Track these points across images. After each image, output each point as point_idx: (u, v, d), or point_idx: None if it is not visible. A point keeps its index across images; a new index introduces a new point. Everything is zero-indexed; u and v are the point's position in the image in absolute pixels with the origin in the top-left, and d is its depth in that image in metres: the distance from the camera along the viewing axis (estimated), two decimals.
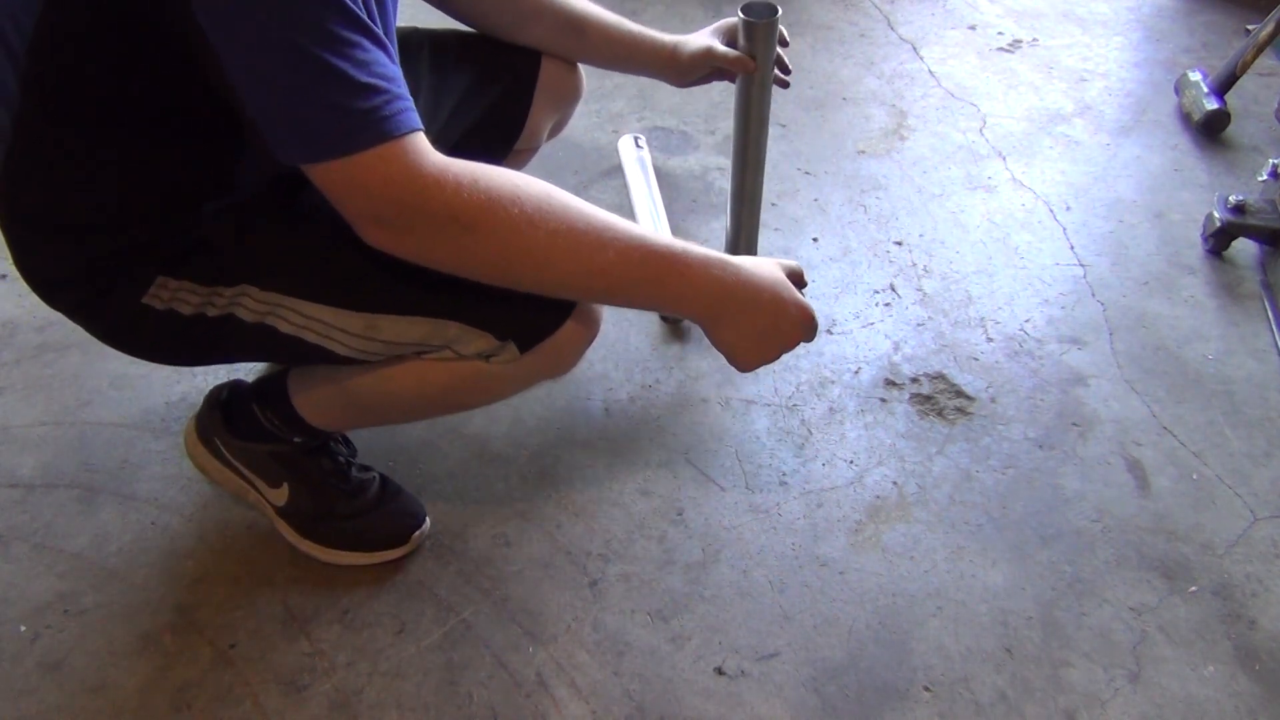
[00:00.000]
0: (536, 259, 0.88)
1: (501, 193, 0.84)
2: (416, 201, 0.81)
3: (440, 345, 1.02)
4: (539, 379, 1.12)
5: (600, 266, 0.90)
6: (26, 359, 1.50)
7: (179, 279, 0.99)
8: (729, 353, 1.01)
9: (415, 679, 1.12)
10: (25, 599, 1.19)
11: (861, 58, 2.31)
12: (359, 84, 0.77)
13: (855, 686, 1.12)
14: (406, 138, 0.80)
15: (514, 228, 0.85)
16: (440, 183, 0.82)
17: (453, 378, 1.06)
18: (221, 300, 1.00)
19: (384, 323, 1.00)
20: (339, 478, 1.23)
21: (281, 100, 0.77)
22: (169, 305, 0.99)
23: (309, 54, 0.75)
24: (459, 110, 1.30)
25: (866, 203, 1.86)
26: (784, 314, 0.99)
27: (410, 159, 0.80)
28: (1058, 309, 1.63)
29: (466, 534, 1.27)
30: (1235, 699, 1.12)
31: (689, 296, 0.95)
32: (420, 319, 1.00)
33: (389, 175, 0.80)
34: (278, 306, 1.00)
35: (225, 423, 1.24)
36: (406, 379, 1.07)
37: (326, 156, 0.79)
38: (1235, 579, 1.24)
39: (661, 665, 1.14)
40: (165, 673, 1.12)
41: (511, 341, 1.01)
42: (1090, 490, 1.34)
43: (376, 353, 1.03)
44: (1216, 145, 2.01)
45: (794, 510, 1.31)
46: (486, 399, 1.16)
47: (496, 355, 1.03)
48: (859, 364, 1.53)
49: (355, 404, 1.13)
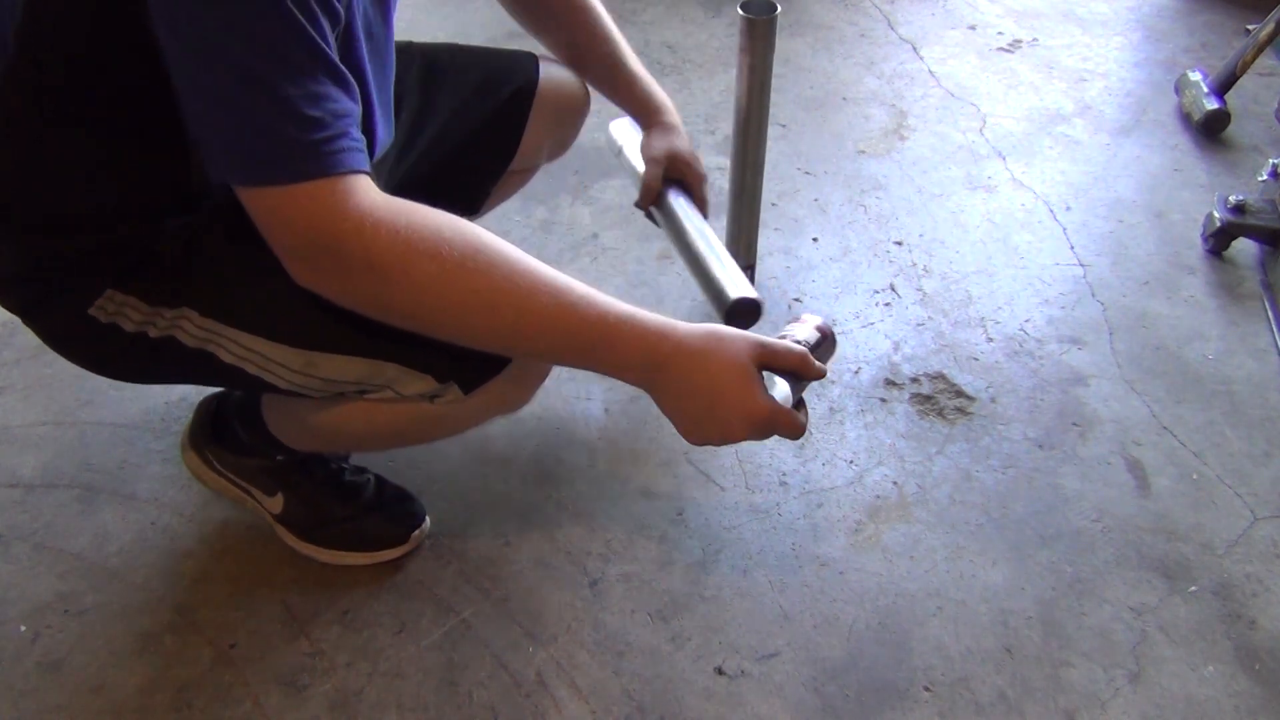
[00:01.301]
0: (453, 316, 0.84)
1: (424, 243, 0.81)
2: (335, 245, 0.79)
3: (380, 385, 1.00)
4: (492, 416, 1.09)
5: (521, 330, 0.86)
6: (26, 359, 1.50)
7: (125, 293, 0.96)
8: (672, 422, 0.93)
9: (415, 679, 1.12)
10: (25, 599, 1.19)
11: (861, 58, 2.31)
12: (303, 115, 0.75)
13: (855, 686, 1.12)
14: (342, 177, 0.78)
15: (429, 282, 0.82)
16: (360, 229, 0.78)
17: (400, 418, 1.04)
18: (163, 321, 0.97)
19: (321, 360, 0.97)
20: (332, 484, 1.23)
21: (221, 117, 0.75)
22: (113, 319, 0.97)
23: (256, 75, 0.74)
24: (449, 127, 1.27)
25: (866, 203, 1.86)
26: (721, 404, 0.89)
27: (338, 199, 0.78)
28: (1058, 309, 1.63)
29: (466, 534, 1.27)
30: (1235, 699, 1.11)
31: (619, 367, 0.89)
32: (358, 359, 0.97)
33: (314, 213, 0.77)
34: (217, 335, 0.97)
35: (215, 436, 1.24)
36: (355, 417, 1.05)
37: (256, 181, 0.77)
38: (1235, 579, 1.24)
39: (661, 665, 1.14)
40: (165, 673, 1.12)
41: (454, 383, 0.98)
42: (1090, 490, 1.34)
43: (317, 389, 1.00)
44: (1216, 145, 2.01)
45: (794, 510, 1.31)
46: (439, 436, 1.13)
47: (440, 396, 1.00)
48: (859, 364, 1.53)
49: (317, 435, 1.12)
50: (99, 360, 1.03)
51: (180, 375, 1.06)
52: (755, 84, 1.42)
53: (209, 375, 1.02)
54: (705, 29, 2.40)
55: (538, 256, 0.87)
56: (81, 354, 1.03)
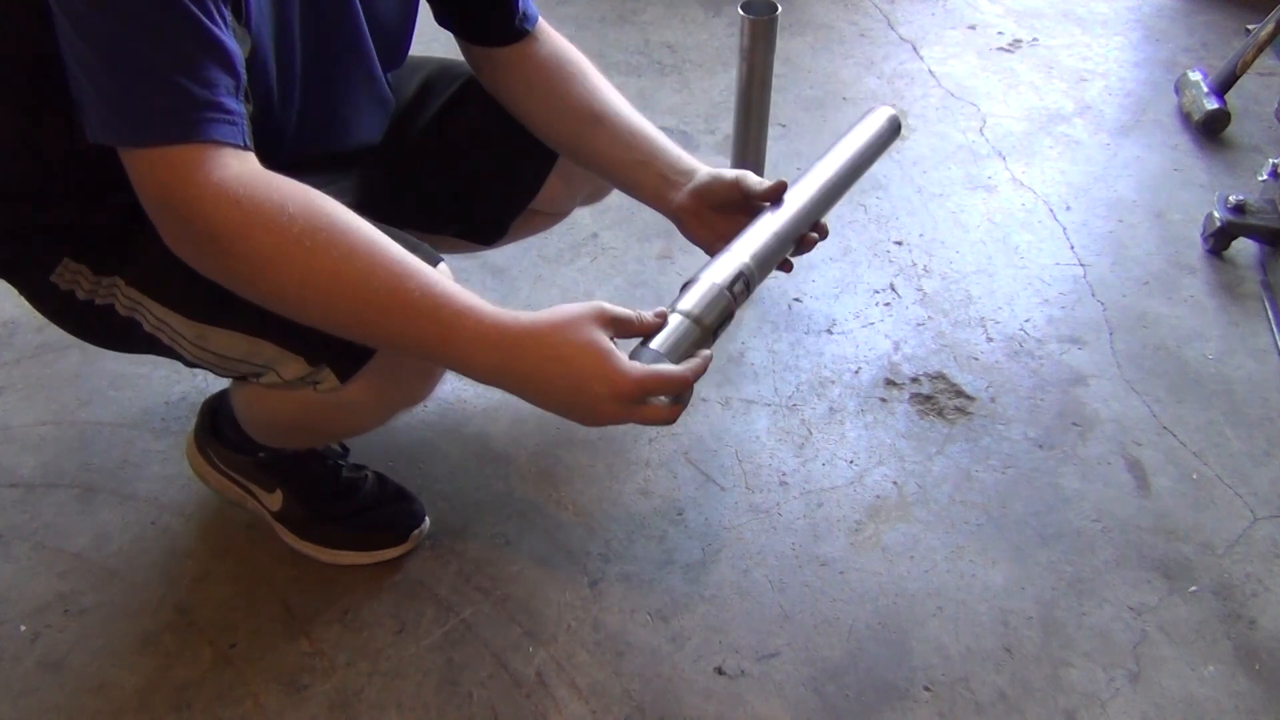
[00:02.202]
0: (293, 294, 0.81)
1: (261, 215, 0.79)
2: (182, 213, 0.78)
3: (263, 366, 0.98)
4: (392, 409, 1.06)
5: (360, 316, 0.82)
6: (26, 359, 1.50)
7: (79, 263, 0.98)
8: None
9: (415, 679, 1.12)
10: (25, 599, 1.19)
11: (861, 58, 2.31)
12: (169, 82, 0.75)
13: (855, 686, 1.12)
14: (200, 145, 0.77)
15: (268, 254, 0.79)
16: (203, 197, 0.77)
17: (297, 406, 1.03)
18: (103, 290, 0.99)
19: (211, 334, 0.97)
20: (330, 480, 1.23)
21: (93, 79, 0.76)
22: (69, 287, 0.99)
23: (125, 41, 0.74)
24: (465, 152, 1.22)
25: (866, 202, 1.86)
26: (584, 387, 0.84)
27: (189, 168, 0.76)
28: (1058, 309, 1.63)
29: (466, 534, 1.27)
30: (1235, 699, 1.11)
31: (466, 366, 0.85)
32: (239, 335, 0.96)
33: (164, 179, 0.77)
34: (139, 304, 0.98)
35: (215, 433, 1.25)
36: (263, 405, 1.05)
37: (117, 139, 0.77)
38: (1235, 579, 1.24)
39: (661, 665, 1.14)
40: (165, 673, 1.12)
41: (326, 367, 0.96)
42: (1090, 490, 1.34)
43: (214, 365, 1.01)
44: (1216, 145, 2.01)
45: (794, 510, 1.31)
46: (344, 430, 1.11)
47: (320, 383, 0.97)
48: (859, 364, 1.53)
49: (246, 422, 1.12)
50: (68, 324, 1.05)
51: (124, 344, 1.07)
52: (755, 84, 1.42)
53: (140, 344, 1.03)
54: (705, 29, 2.40)
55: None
56: (54, 317, 1.05)
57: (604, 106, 1.12)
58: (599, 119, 1.11)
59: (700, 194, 1.08)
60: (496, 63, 1.13)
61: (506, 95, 1.16)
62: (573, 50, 1.15)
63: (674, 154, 1.11)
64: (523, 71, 1.13)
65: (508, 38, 1.10)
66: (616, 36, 2.36)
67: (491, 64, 1.14)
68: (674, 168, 1.10)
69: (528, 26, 1.10)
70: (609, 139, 1.11)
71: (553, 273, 1.66)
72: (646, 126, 1.13)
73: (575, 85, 1.12)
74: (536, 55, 1.12)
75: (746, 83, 1.42)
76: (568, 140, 1.15)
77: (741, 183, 1.07)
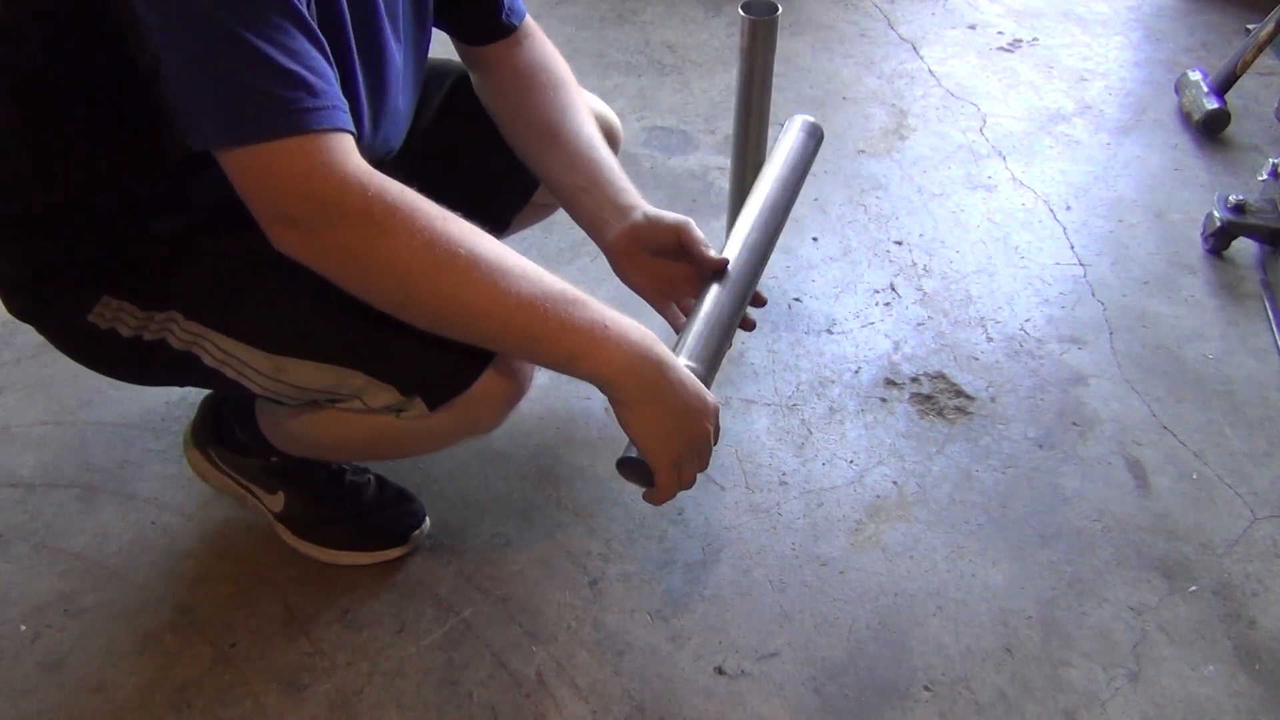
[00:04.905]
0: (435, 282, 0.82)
1: (417, 200, 0.81)
2: (333, 197, 0.77)
3: (349, 395, 0.98)
4: (459, 437, 1.06)
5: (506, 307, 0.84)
6: (26, 359, 1.50)
7: (120, 299, 0.97)
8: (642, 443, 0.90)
9: (415, 679, 1.12)
10: (25, 599, 1.19)
11: (861, 57, 2.31)
12: (285, 71, 0.74)
13: (855, 686, 1.12)
14: (329, 134, 0.77)
15: (424, 239, 0.80)
16: (360, 179, 0.77)
17: (369, 431, 1.02)
18: (155, 325, 0.97)
19: (291, 366, 0.96)
20: (333, 484, 1.23)
21: (200, 77, 0.74)
22: (110, 325, 0.97)
23: (235, 33, 0.73)
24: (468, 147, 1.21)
25: (866, 202, 1.86)
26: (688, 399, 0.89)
27: (332, 153, 0.76)
28: (1058, 308, 1.63)
29: (466, 534, 1.27)
30: (1235, 699, 1.11)
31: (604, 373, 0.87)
32: (326, 366, 0.96)
33: (307, 168, 0.76)
34: (200, 337, 0.97)
35: (217, 435, 1.25)
36: (327, 428, 1.04)
37: (239, 139, 0.75)
38: (1235, 579, 1.24)
39: (662, 665, 1.14)
40: (165, 673, 1.12)
41: (418, 396, 0.96)
42: (1090, 490, 1.34)
43: (289, 396, 1.00)
44: (1216, 145, 2.01)
45: (794, 510, 1.31)
46: (410, 452, 1.11)
47: (405, 411, 0.98)
48: (859, 363, 1.53)
49: (296, 441, 1.12)
50: (102, 362, 1.04)
51: (174, 378, 1.06)
52: (755, 84, 1.42)
53: (197, 378, 1.02)
54: (705, 29, 2.40)
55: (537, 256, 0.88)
56: (85, 356, 1.04)
57: (561, 125, 1.09)
58: (554, 137, 1.09)
59: (634, 235, 1.06)
60: (481, 62, 1.14)
61: (484, 97, 1.16)
62: (556, 61, 1.14)
63: (616, 187, 1.07)
64: (500, 75, 1.13)
65: (492, 34, 1.10)
66: (616, 36, 2.36)
67: (476, 63, 1.15)
68: (612, 201, 1.06)
69: (514, 21, 1.10)
70: (557, 159, 1.09)
71: (552, 272, 1.65)
72: (597, 152, 1.09)
73: (540, 97, 1.10)
74: (515, 60, 1.12)
75: (746, 83, 1.42)
76: (523, 152, 1.13)
77: (683, 234, 1.04)
